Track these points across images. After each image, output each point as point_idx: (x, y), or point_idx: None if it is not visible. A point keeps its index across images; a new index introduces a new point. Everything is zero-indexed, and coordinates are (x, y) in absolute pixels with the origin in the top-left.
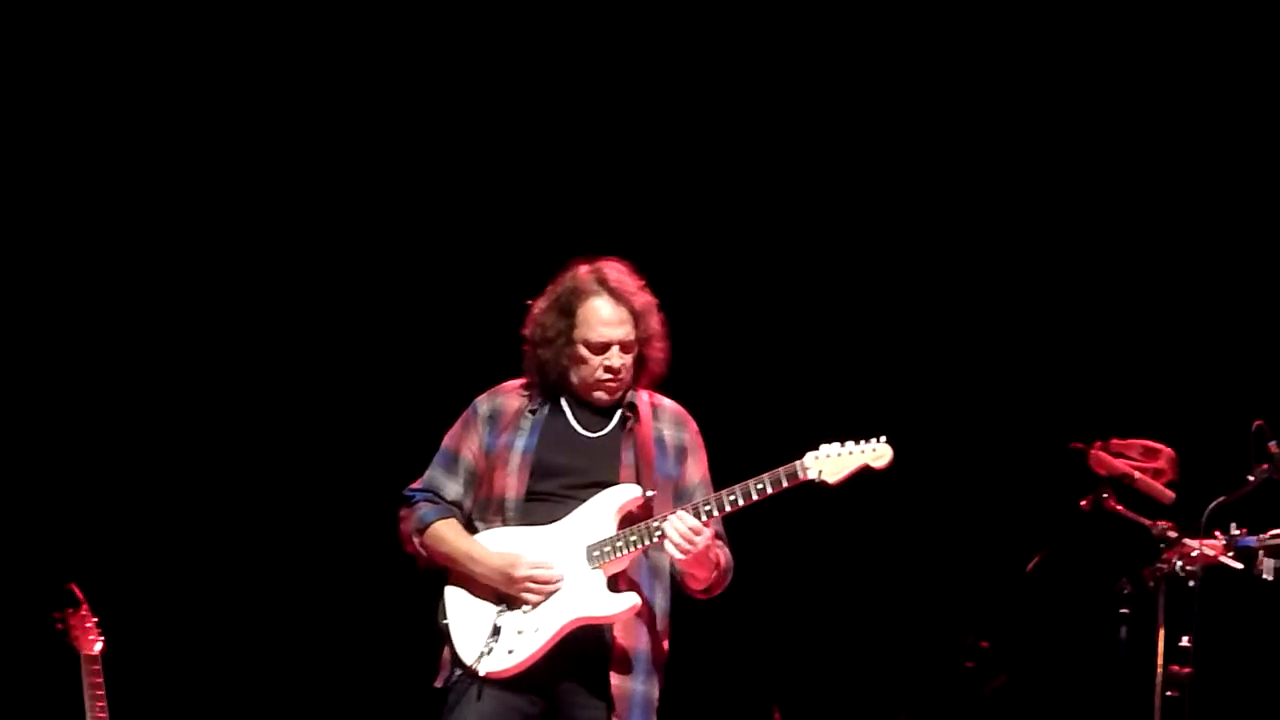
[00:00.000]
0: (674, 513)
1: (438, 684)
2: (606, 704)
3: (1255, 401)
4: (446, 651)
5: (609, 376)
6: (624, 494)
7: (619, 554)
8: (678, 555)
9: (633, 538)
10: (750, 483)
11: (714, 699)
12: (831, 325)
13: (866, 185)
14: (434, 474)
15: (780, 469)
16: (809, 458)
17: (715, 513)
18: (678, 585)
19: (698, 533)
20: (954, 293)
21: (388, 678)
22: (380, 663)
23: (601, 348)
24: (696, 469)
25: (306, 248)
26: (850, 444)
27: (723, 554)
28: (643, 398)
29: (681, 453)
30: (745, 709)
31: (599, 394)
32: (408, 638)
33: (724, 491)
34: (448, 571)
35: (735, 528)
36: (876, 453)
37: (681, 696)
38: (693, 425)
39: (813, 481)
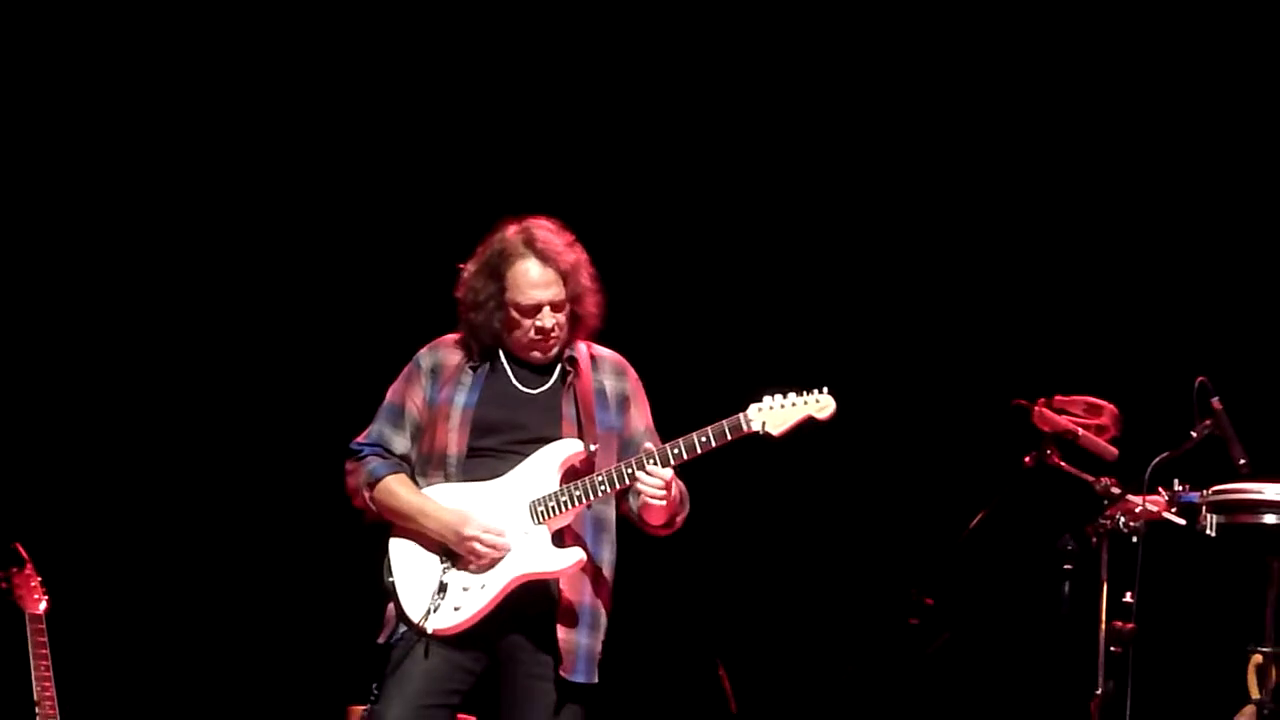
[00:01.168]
0: (616, 470)
1: (381, 640)
2: (554, 658)
3: (1198, 358)
4: (391, 608)
5: (541, 337)
6: (566, 449)
7: (563, 509)
8: (652, 502)
9: (576, 492)
10: (694, 435)
11: (657, 652)
12: (774, 278)
13: (809, 136)
14: (381, 428)
15: (724, 421)
16: (752, 409)
17: (659, 465)
18: (629, 533)
19: (668, 485)
20: (898, 248)
21: (331, 633)
22: (323, 618)
23: (532, 310)
24: (640, 417)
25: (240, 201)
26: (793, 395)
27: (679, 486)
28: (581, 349)
29: (624, 402)
30: (689, 663)
31: (534, 354)
32: (350, 593)
33: (668, 444)
34: (390, 527)
35: (681, 476)
36: (820, 404)
37: (625, 649)
38: (632, 374)
39: (756, 433)
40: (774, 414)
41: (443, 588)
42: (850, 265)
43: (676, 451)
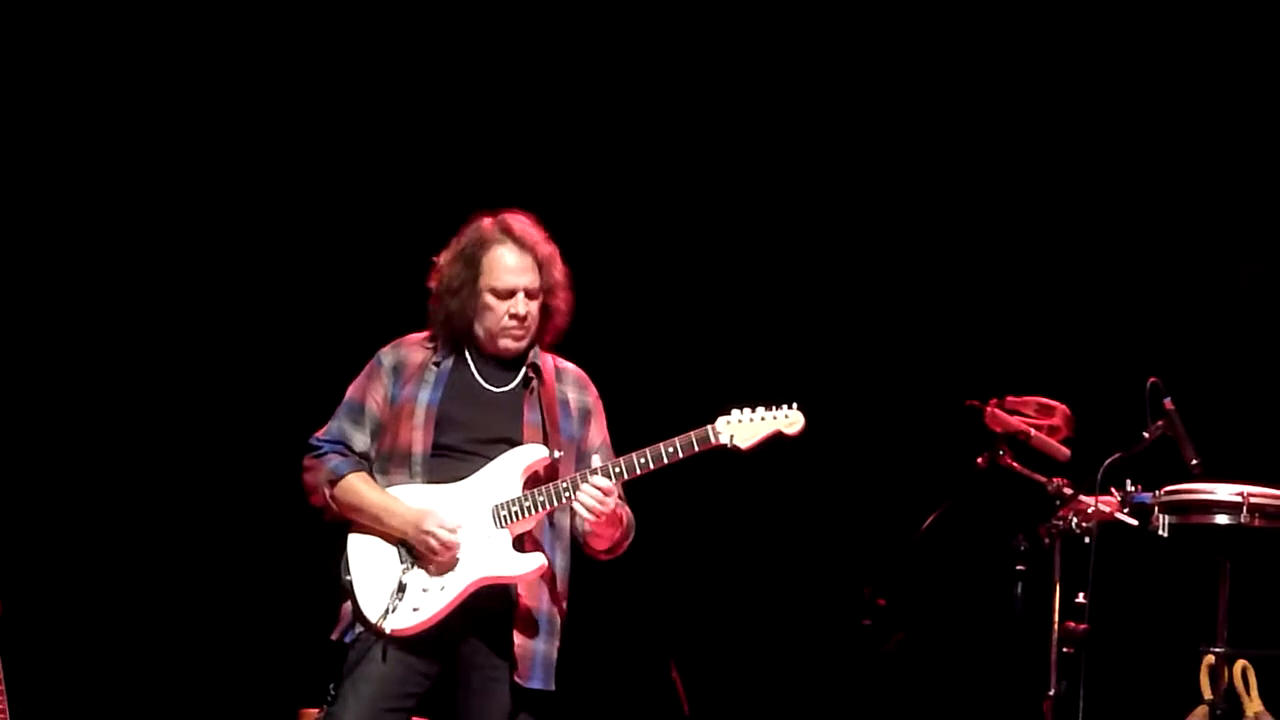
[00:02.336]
0: (582, 476)
1: (335, 637)
2: (509, 664)
3: (1150, 358)
4: (347, 605)
5: (515, 324)
6: (531, 454)
7: (526, 514)
8: (589, 518)
9: (540, 498)
10: (661, 446)
11: (611, 653)
12: (730, 284)
13: (763, 147)
14: (341, 424)
15: (691, 433)
16: (720, 422)
17: (625, 475)
18: (578, 546)
19: (609, 494)
20: (851, 251)
21: (282, 633)
22: (274, 618)
23: (507, 293)
24: (598, 432)
25: (199, 198)
26: (761, 409)
27: (625, 512)
28: (546, 360)
29: (585, 415)
30: (642, 664)
31: (505, 342)
32: (302, 592)
33: (634, 454)
34: (349, 524)
35: (634, 482)
36: (789, 419)
37: (579, 649)
38: (594, 390)
39: (724, 446)
40: (742, 427)
41: (402, 588)
42: (804, 266)
43: (644, 461)
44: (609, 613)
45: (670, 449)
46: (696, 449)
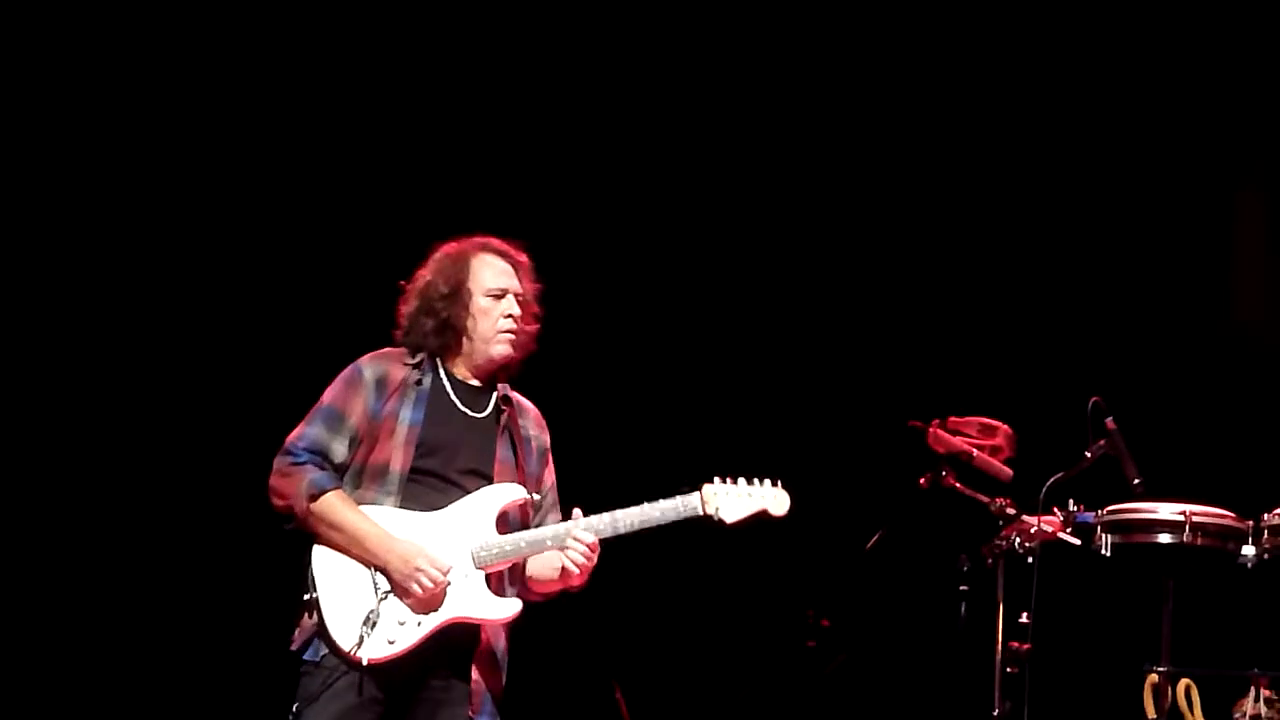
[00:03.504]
0: (568, 530)
1: (294, 648)
2: (464, 698)
3: (1091, 378)
4: (308, 619)
5: (511, 324)
6: (508, 494)
7: (506, 559)
8: (575, 573)
9: (523, 545)
10: (646, 510)
11: (555, 674)
12: (670, 306)
13: (697, 168)
14: (319, 432)
15: (677, 500)
16: (707, 491)
17: (608, 534)
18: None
19: (595, 551)
20: (794, 272)
21: (238, 640)
22: (231, 634)
23: (500, 293)
24: (550, 474)
25: (154, 226)
26: (743, 484)
27: None
28: (513, 394)
29: (543, 455)
30: (587, 687)
31: (499, 348)
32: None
33: (619, 516)
34: (314, 538)
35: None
36: (777, 499)
37: (526, 677)
38: (547, 431)
39: (709, 518)
40: (729, 501)
41: (376, 617)
42: (746, 287)
43: (629, 523)
44: (553, 637)
45: (654, 513)
46: (682, 516)
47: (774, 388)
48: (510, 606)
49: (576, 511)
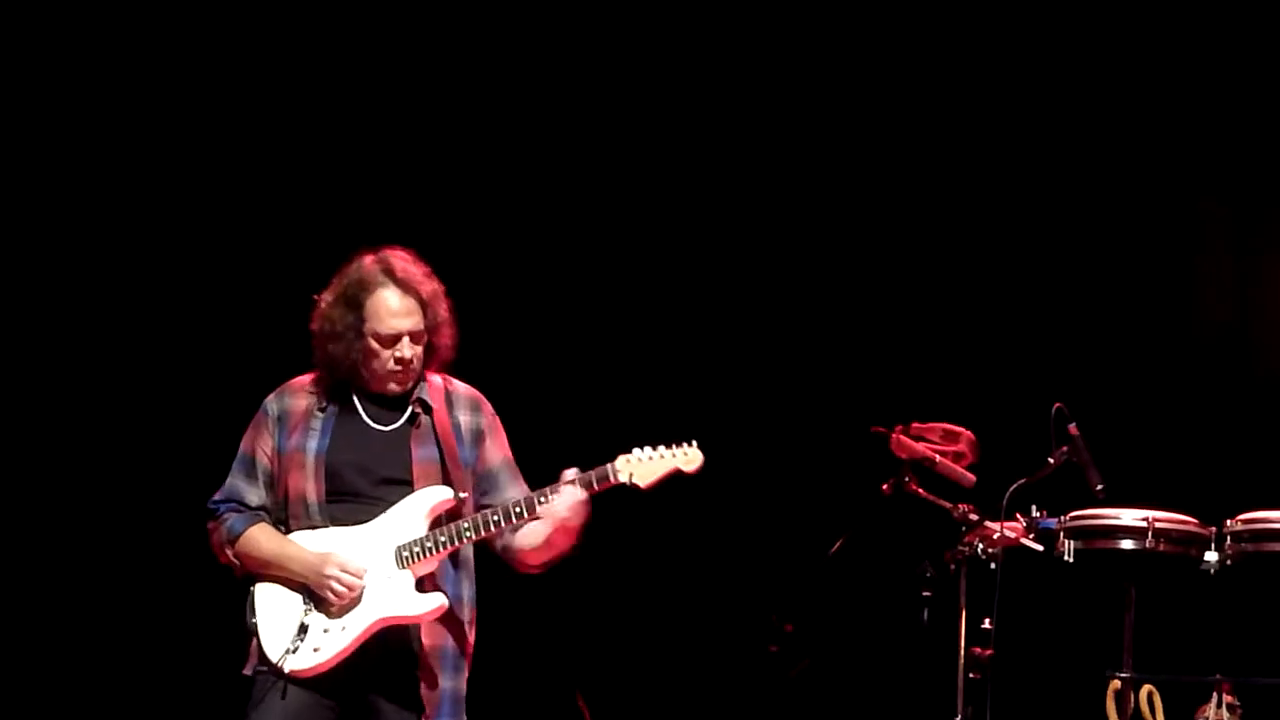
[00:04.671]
0: (540, 494)
1: (247, 671)
2: (416, 707)
3: (1054, 384)
4: (254, 645)
5: (400, 368)
6: (435, 496)
7: (428, 555)
8: (572, 522)
9: (442, 538)
10: (564, 487)
11: (518, 685)
12: (629, 310)
13: (664, 167)
14: (235, 482)
15: (591, 472)
16: (620, 461)
17: (525, 514)
18: (490, 564)
19: (585, 504)
20: (754, 277)
21: (197, 664)
22: (190, 649)
23: (391, 340)
24: (496, 449)
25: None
26: (661, 448)
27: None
28: (435, 383)
29: (478, 436)
30: (549, 694)
31: (391, 385)
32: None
33: (535, 494)
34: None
35: None
36: (688, 456)
37: (487, 683)
38: (488, 407)
39: (623, 485)
40: (641, 466)
41: (303, 629)
42: (707, 291)
43: (543, 500)
44: (515, 642)
45: (572, 489)
46: (596, 488)
47: (738, 392)
48: (431, 601)
49: (514, 491)
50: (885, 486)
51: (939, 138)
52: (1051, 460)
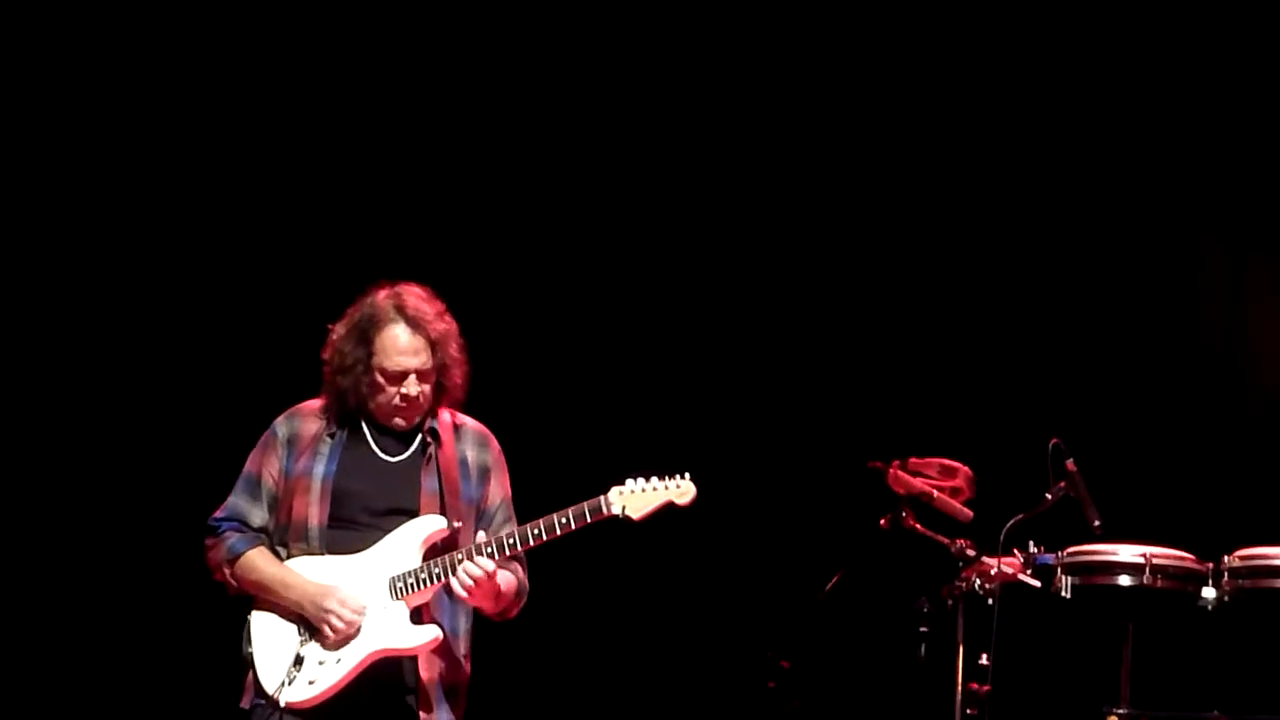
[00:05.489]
0: (468, 552)
1: (244, 705)
2: None
3: (1052, 420)
4: (249, 676)
5: (405, 405)
6: (429, 525)
7: (422, 586)
8: (461, 593)
9: (435, 570)
10: (554, 517)
11: (514, 717)
12: (625, 342)
13: (662, 201)
14: (238, 501)
15: (584, 504)
16: (613, 493)
17: (518, 546)
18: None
19: (489, 574)
20: (749, 314)
21: (195, 697)
22: (188, 681)
23: (398, 377)
24: (499, 489)
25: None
26: (655, 480)
27: (515, 579)
28: (444, 419)
29: (484, 474)
30: None
31: (397, 420)
32: (216, 657)
33: (528, 525)
34: (253, 599)
35: (539, 549)
36: (680, 489)
37: (483, 717)
38: (495, 445)
39: (616, 517)
40: (634, 498)
41: (299, 660)
42: (704, 325)
43: (536, 533)
44: (511, 678)
45: (563, 520)
46: (589, 519)
47: (735, 426)
48: (426, 633)
49: (480, 534)
50: (882, 521)
51: (941, 173)
52: (1049, 496)
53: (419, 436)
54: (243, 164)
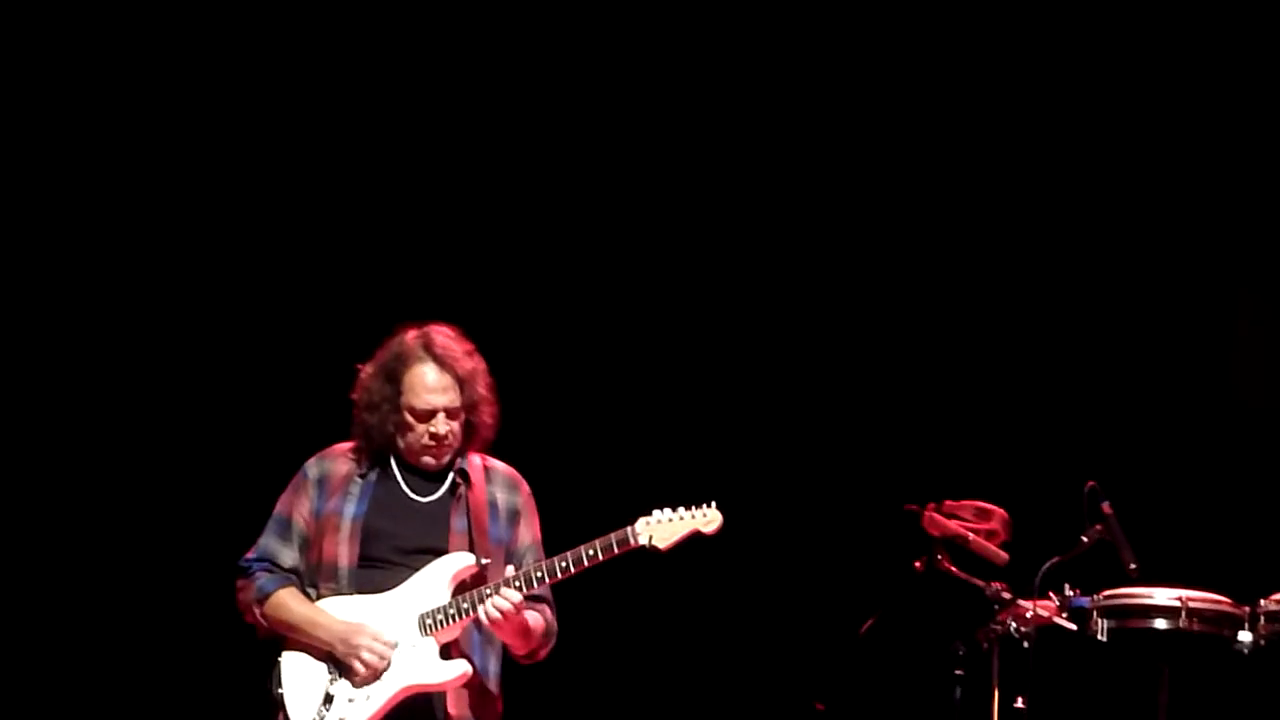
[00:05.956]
0: (497, 586)
1: None
2: None
3: (1088, 462)
4: (280, 716)
5: (434, 444)
6: (458, 562)
7: (451, 622)
8: (485, 623)
9: (464, 605)
10: (582, 549)
11: None
12: (664, 387)
13: (689, 245)
14: (269, 541)
15: (611, 535)
16: (640, 523)
17: (546, 579)
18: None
19: (518, 606)
20: (785, 354)
21: None
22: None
23: (426, 415)
24: (528, 532)
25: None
26: (681, 510)
27: (544, 620)
28: (474, 462)
29: (514, 516)
30: None
31: (426, 459)
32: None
33: (556, 558)
34: (283, 639)
35: (571, 588)
36: (707, 518)
37: None
38: (525, 488)
39: (643, 547)
40: (660, 528)
41: (329, 699)
42: (741, 372)
43: (564, 565)
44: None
45: (590, 551)
46: (616, 551)
47: (771, 469)
48: (455, 668)
49: (509, 569)
50: (918, 564)
51: (977, 217)
52: (1085, 539)
53: (449, 477)
54: (278, 209)
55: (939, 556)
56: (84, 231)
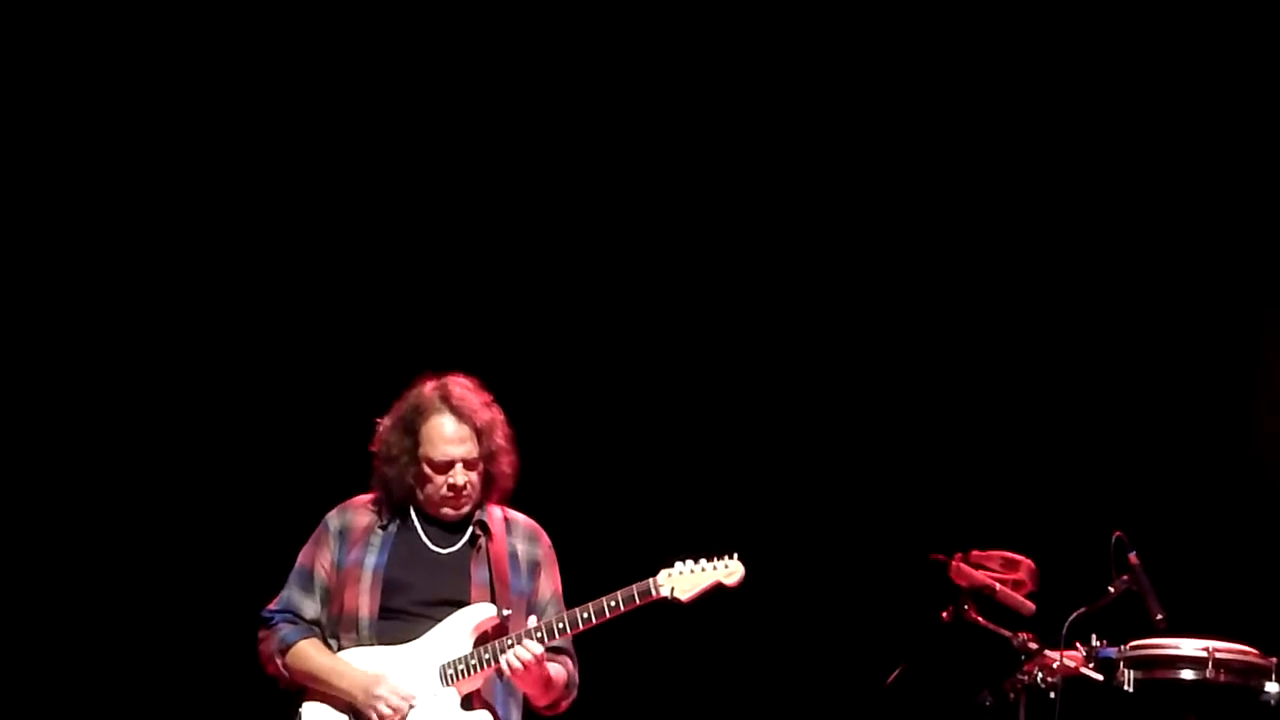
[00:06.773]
0: (518, 637)
1: None
2: None
3: (1114, 512)
4: None
5: (452, 495)
6: (479, 613)
7: (472, 672)
8: (507, 672)
9: (485, 656)
10: (604, 600)
11: None
12: (685, 436)
13: (708, 288)
14: (291, 593)
15: (633, 586)
16: (662, 575)
17: (568, 630)
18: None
19: (538, 658)
20: (809, 404)
21: None
22: None
23: (444, 466)
24: (549, 584)
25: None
26: (703, 561)
27: (566, 671)
28: (495, 514)
29: (535, 568)
30: None
31: (445, 510)
32: None
33: (577, 609)
34: (304, 690)
35: (592, 639)
36: (729, 569)
37: None
38: (545, 540)
39: (665, 599)
40: (682, 579)
41: None
42: (765, 422)
43: (586, 616)
44: None
45: (611, 603)
46: (638, 602)
47: (796, 519)
48: (478, 719)
49: (531, 619)
50: (944, 614)
51: (1007, 266)
52: (1111, 589)
53: (469, 528)
54: (304, 260)
55: (965, 606)
56: (115, 300)
